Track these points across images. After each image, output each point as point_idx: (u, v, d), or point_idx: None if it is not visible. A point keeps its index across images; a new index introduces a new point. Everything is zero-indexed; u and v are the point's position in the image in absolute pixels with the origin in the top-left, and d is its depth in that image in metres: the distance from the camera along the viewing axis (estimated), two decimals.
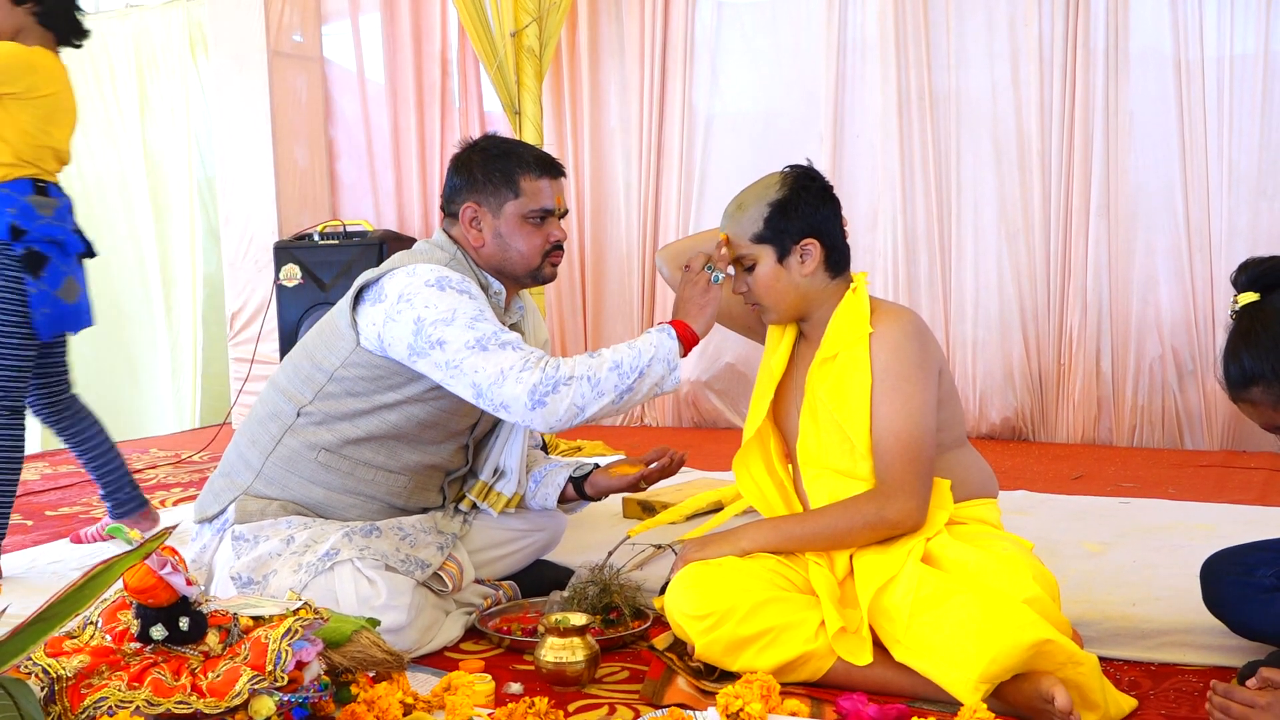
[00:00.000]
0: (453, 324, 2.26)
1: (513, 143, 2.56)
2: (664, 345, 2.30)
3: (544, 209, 2.47)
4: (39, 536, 3.59)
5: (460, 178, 2.50)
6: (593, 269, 5.72)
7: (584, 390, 2.24)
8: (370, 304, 2.38)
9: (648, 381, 2.29)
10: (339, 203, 6.32)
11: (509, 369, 2.23)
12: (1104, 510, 3.37)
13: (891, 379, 2.15)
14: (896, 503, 2.12)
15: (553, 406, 2.22)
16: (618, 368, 2.27)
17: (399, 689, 1.94)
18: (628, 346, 2.30)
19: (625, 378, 2.26)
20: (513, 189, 2.45)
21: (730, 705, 1.87)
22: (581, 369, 2.25)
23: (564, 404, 2.22)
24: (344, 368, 2.41)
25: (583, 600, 2.46)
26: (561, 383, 2.22)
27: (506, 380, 2.22)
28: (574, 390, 2.23)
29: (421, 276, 2.33)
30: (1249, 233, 4.50)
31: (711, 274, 2.32)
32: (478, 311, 2.30)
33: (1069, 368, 4.81)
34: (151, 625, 1.73)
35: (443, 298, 2.30)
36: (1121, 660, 2.26)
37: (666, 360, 2.30)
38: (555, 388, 2.22)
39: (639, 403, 2.33)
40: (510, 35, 4.76)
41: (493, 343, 2.26)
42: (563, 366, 2.25)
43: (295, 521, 2.42)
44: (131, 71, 6.74)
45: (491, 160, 2.48)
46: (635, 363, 2.27)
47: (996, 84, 4.85)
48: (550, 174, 2.49)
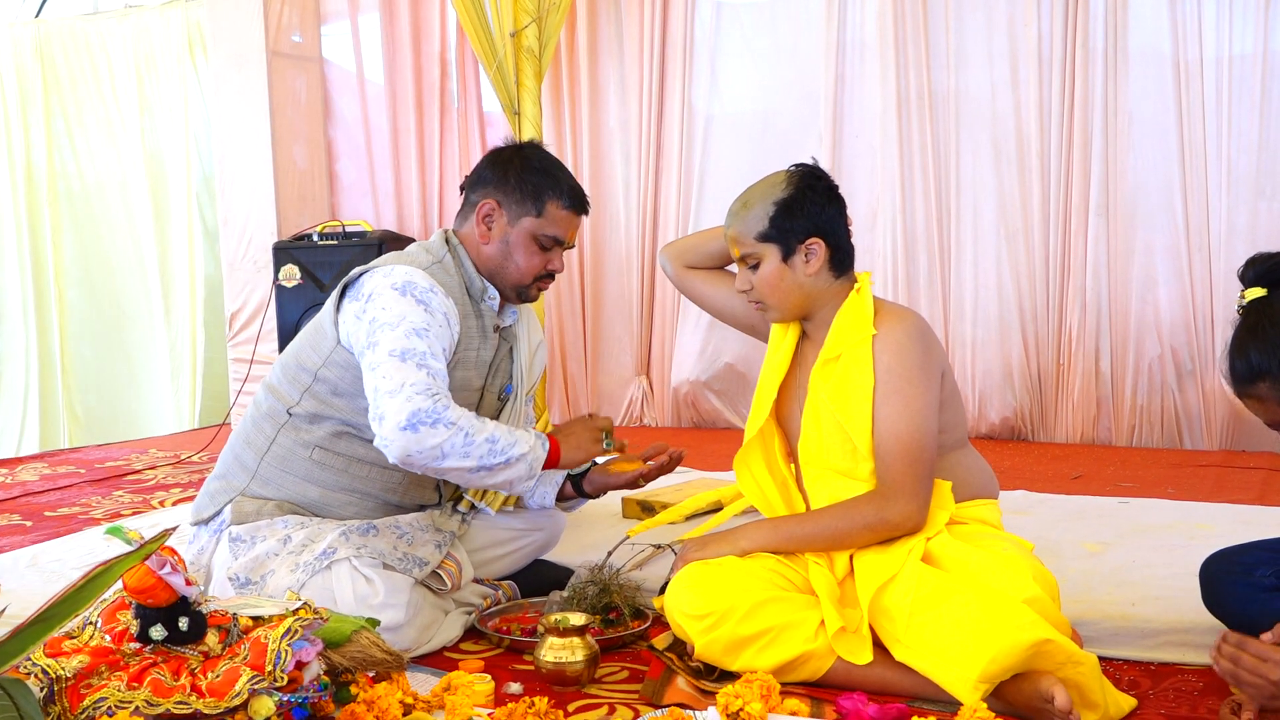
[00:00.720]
0: (395, 329, 2.27)
1: (555, 162, 2.55)
2: (536, 452, 2.35)
3: (556, 238, 2.48)
4: (38, 536, 3.59)
5: (494, 172, 2.50)
6: (592, 269, 5.71)
7: (456, 441, 2.23)
8: (350, 300, 2.39)
9: (507, 472, 2.31)
10: (338, 203, 6.31)
11: (408, 385, 2.22)
12: (1103, 510, 3.37)
13: (894, 381, 2.15)
14: (897, 504, 2.12)
15: (422, 437, 2.20)
16: (493, 443, 2.27)
17: (399, 689, 1.94)
18: (508, 431, 2.32)
19: (493, 455, 2.28)
20: (538, 207, 2.46)
21: (730, 705, 1.87)
22: (465, 423, 2.25)
23: (432, 441, 2.21)
24: (326, 367, 2.42)
25: (582, 600, 2.46)
26: (443, 422, 2.21)
27: (399, 394, 2.21)
28: (449, 435, 2.22)
29: (391, 279, 2.34)
30: (1248, 232, 4.50)
31: (605, 441, 2.49)
32: (424, 325, 2.29)
33: (1068, 368, 4.81)
34: (151, 625, 1.73)
35: (399, 303, 2.30)
36: (1121, 660, 2.26)
37: (531, 465, 2.34)
38: (435, 423, 2.21)
39: (482, 486, 2.38)
40: (510, 35, 4.75)
41: (414, 359, 2.25)
42: (452, 410, 2.24)
43: (292, 521, 2.42)
44: (130, 72, 6.74)
45: (530, 172, 2.48)
46: (508, 450, 2.29)
47: (995, 84, 4.85)
48: (577, 209, 2.51)
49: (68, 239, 7.03)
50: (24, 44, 6.93)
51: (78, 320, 7.02)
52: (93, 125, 6.90)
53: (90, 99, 6.86)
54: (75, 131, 6.95)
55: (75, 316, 7.02)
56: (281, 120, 6.05)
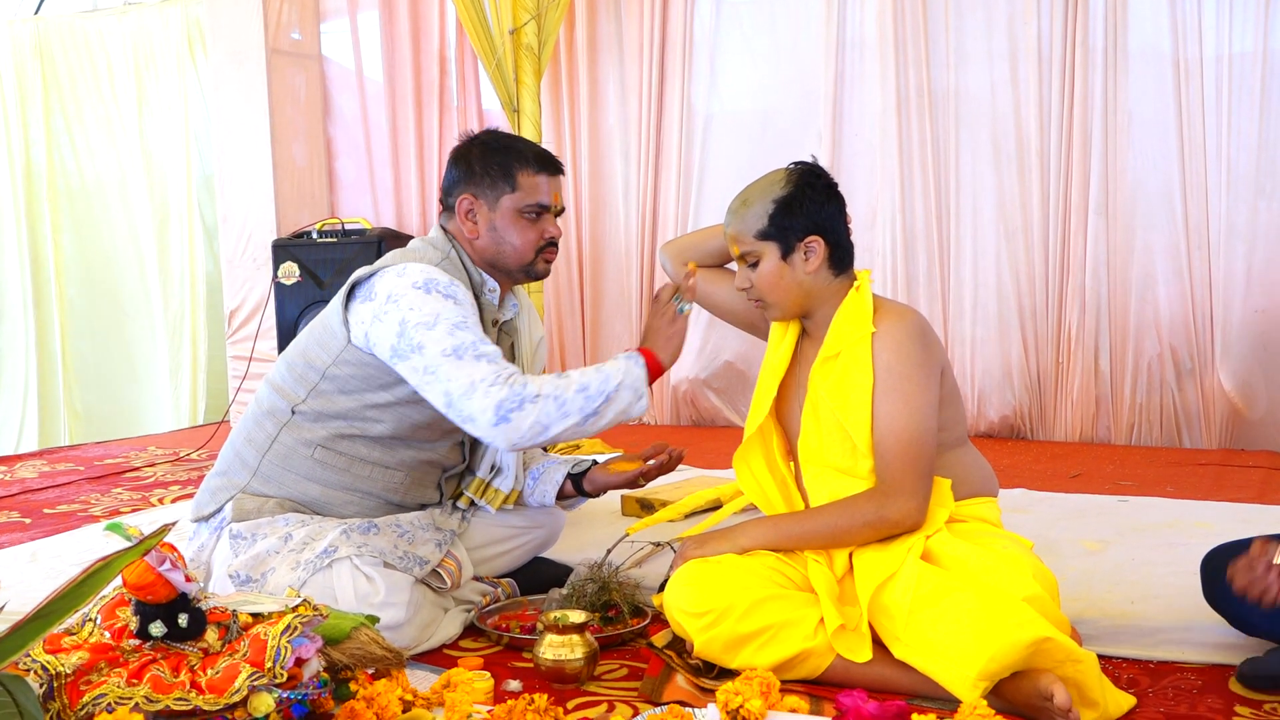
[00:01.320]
0: (434, 329, 2.26)
1: (512, 138, 2.55)
2: (632, 373, 2.31)
3: (540, 204, 2.46)
4: (37, 534, 3.59)
5: (458, 170, 2.50)
6: (591, 267, 5.71)
7: (549, 409, 2.23)
8: (361, 302, 2.37)
9: (614, 407, 2.29)
10: (337, 201, 6.31)
11: (479, 381, 2.22)
12: (1102, 508, 3.37)
13: (893, 378, 2.15)
14: (896, 502, 2.12)
15: (516, 423, 2.21)
16: (584, 390, 2.26)
17: (398, 686, 1.94)
18: (595, 370, 2.30)
19: (591, 401, 2.26)
20: (510, 183, 2.45)
21: (730, 702, 1.87)
22: (549, 389, 2.24)
23: (528, 422, 2.21)
24: (335, 365, 2.41)
25: (581, 598, 2.46)
26: (528, 400, 2.22)
27: (475, 393, 2.21)
28: (539, 409, 2.22)
29: (410, 278, 2.32)
30: (1247, 231, 4.50)
31: (678, 305, 2.36)
32: (461, 319, 2.29)
33: (1067, 366, 4.81)
34: (150, 622, 1.73)
35: (428, 301, 2.29)
36: (1120, 658, 2.26)
37: (634, 388, 2.30)
38: (520, 405, 2.21)
39: (604, 428, 2.33)
40: (509, 33, 4.75)
41: (469, 353, 2.25)
42: (530, 385, 2.24)
43: (293, 519, 2.41)
44: (130, 70, 6.74)
45: (490, 154, 2.47)
46: (602, 387, 2.27)
47: (995, 82, 4.85)
48: (548, 170, 2.49)
49: (67, 237, 7.03)
50: (23, 41, 6.92)
51: (77, 317, 7.01)
52: (92, 123, 6.89)
53: (89, 96, 6.86)
54: (75, 129, 6.95)
55: (75, 314, 7.01)
56: (281, 118, 6.05)
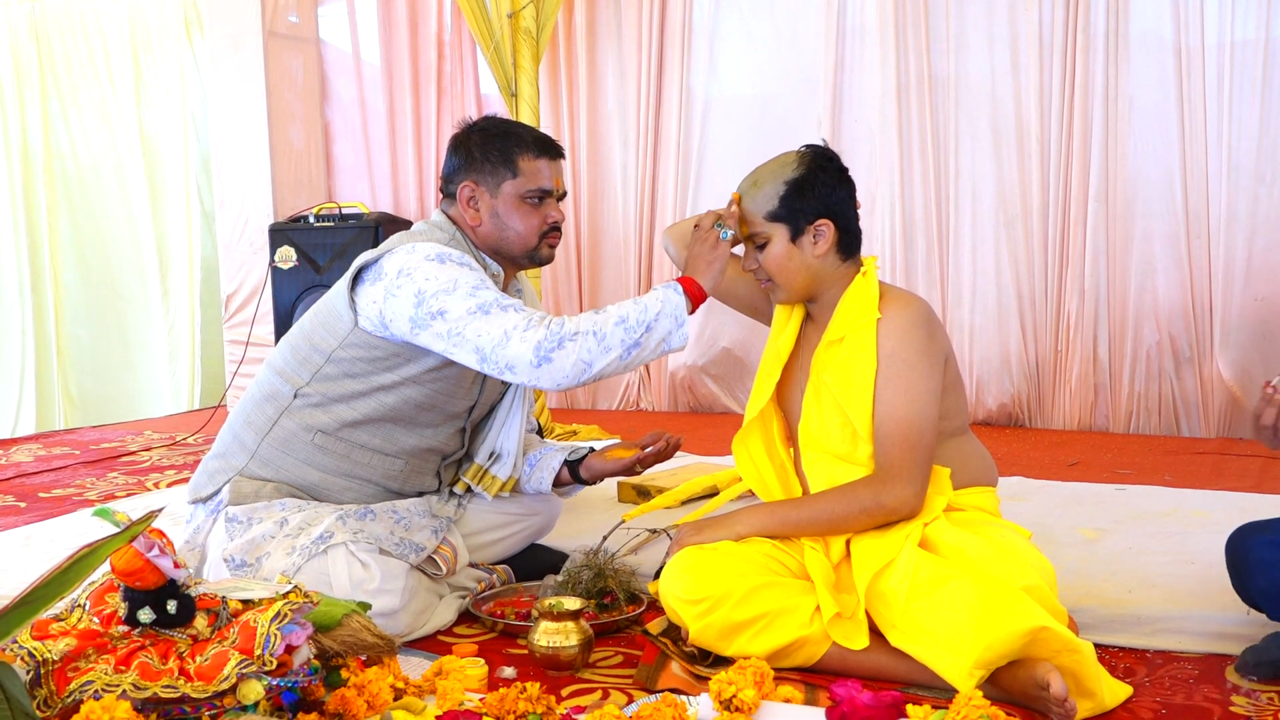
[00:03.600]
0: (454, 293, 2.24)
1: (511, 123, 2.54)
2: (671, 300, 2.25)
3: (542, 189, 2.45)
4: (32, 517, 3.58)
5: (458, 157, 2.49)
6: (589, 252, 5.69)
7: (590, 345, 2.20)
8: (370, 283, 2.36)
9: (655, 336, 2.24)
10: (334, 185, 6.29)
11: (512, 329, 2.20)
12: (1100, 497, 3.36)
13: (896, 365, 2.14)
14: (894, 489, 2.10)
15: (559, 363, 2.18)
16: (623, 322, 2.22)
17: (390, 673, 1.93)
18: (633, 302, 2.26)
19: (632, 332, 2.22)
20: (511, 169, 2.43)
21: (724, 691, 1.87)
22: (587, 324, 2.21)
23: (570, 360, 2.18)
24: (341, 349, 2.40)
25: (577, 585, 2.45)
26: (567, 339, 2.19)
27: (511, 340, 2.19)
28: (580, 346, 2.19)
29: (421, 252, 2.32)
30: (1247, 219, 4.48)
31: (720, 230, 2.27)
32: (479, 281, 2.28)
33: (1066, 354, 4.80)
34: (139, 608, 1.72)
35: (443, 270, 2.28)
36: (1117, 647, 2.25)
37: (674, 316, 2.25)
38: (560, 344, 2.18)
39: (647, 360, 2.28)
40: (507, 17, 4.73)
41: (495, 307, 2.23)
42: (568, 324, 2.21)
43: (289, 504, 2.40)
44: (126, 52, 6.70)
45: (490, 140, 2.46)
46: (642, 317, 2.23)
47: (996, 69, 4.82)
48: (549, 155, 2.48)
49: (64, 220, 7.00)
50: (19, 24, 6.89)
51: (73, 301, 7.00)
52: (88, 106, 6.87)
53: (86, 79, 6.83)
54: (71, 112, 6.92)
55: (71, 298, 7.00)
56: (278, 101, 6.02)
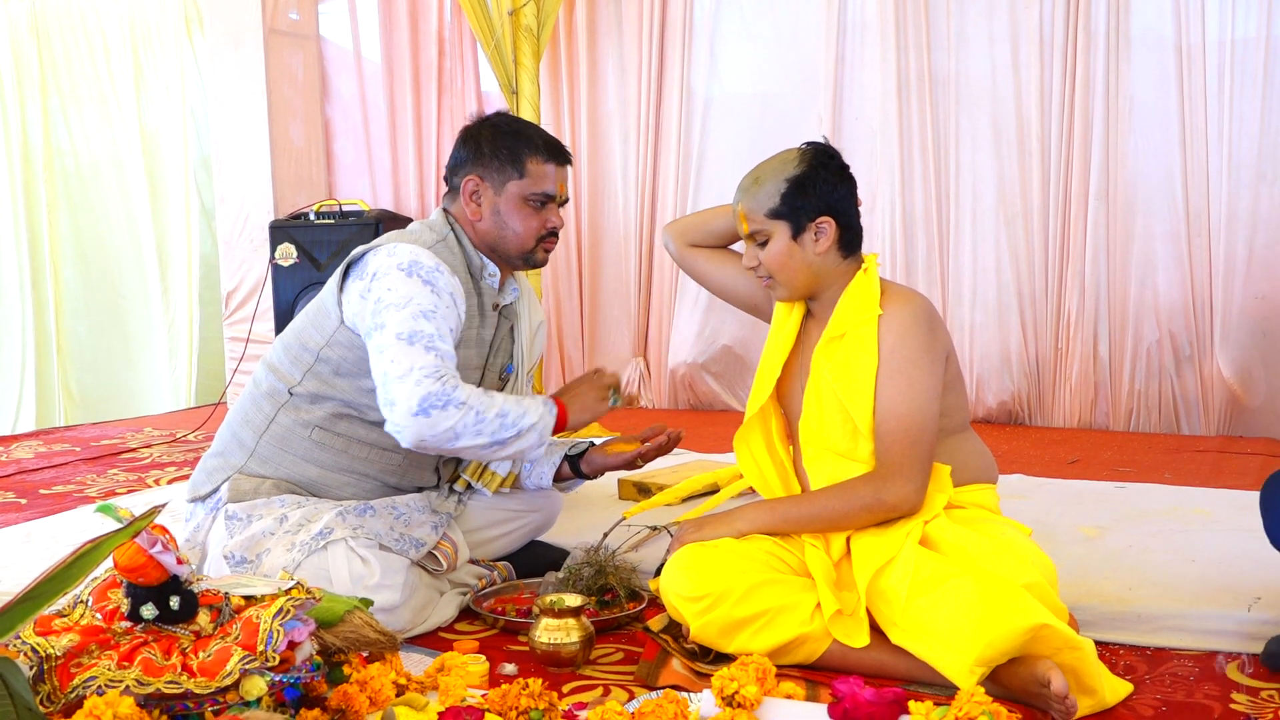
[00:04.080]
0: (401, 310, 2.25)
1: (524, 123, 2.54)
2: (545, 420, 2.34)
3: (546, 194, 2.46)
4: (33, 514, 3.58)
5: (467, 150, 2.48)
6: (589, 250, 5.69)
7: (467, 420, 2.22)
8: (354, 279, 2.37)
9: (519, 444, 2.31)
10: (335, 182, 6.29)
11: (417, 369, 2.21)
12: (1100, 494, 3.36)
13: (897, 361, 2.14)
14: (894, 486, 2.11)
15: (434, 420, 2.20)
16: (503, 416, 2.27)
17: (392, 669, 1.93)
18: (516, 402, 2.31)
19: (505, 430, 2.27)
20: (518, 169, 2.44)
21: (725, 687, 1.87)
22: (475, 401, 2.24)
23: (444, 424, 2.20)
24: (329, 347, 2.40)
25: (578, 581, 2.46)
26: (453, 404, 2.21)
27: (409, 379, 2.20)
28: (459, 416, 2.21)
29: (396, 258, 2.32)
30: (1248, 217, 4.49)
31: (611, 399, 2.48)
32: (431, 307, 2.28)
33: (1066, 352, 4.80)
34: (142, 604, 1.72)
35: (406, 284, 2.28)
36: (1117, 644, 2.25)
37: (541, 433, 2.34)
38: (445, 405, 2.20)
39: (498, 458, 2.36)
40: (508, 14, 4.73)
41: (422, 340, 2.24)
42: (461, 390, 2.23)
43: (289, 500, 2.40)
44: (126, 49, 6.70)
45: (501, 137, 2.46)
46: (518, 421, 2.29)
47: (996, 67, 4.82)
48: (557, 160, 2.48)
49: (64, 217, 7.00)
50: (20, 21, 6.88)
51: (73, 298, 6.99)
52: (89, 103, 6.86)
53: (86, 76, 6.83)
54: (71, 109, 6.91)
55: (71, 295, 6.99)
56: (278, 98, 6.02)
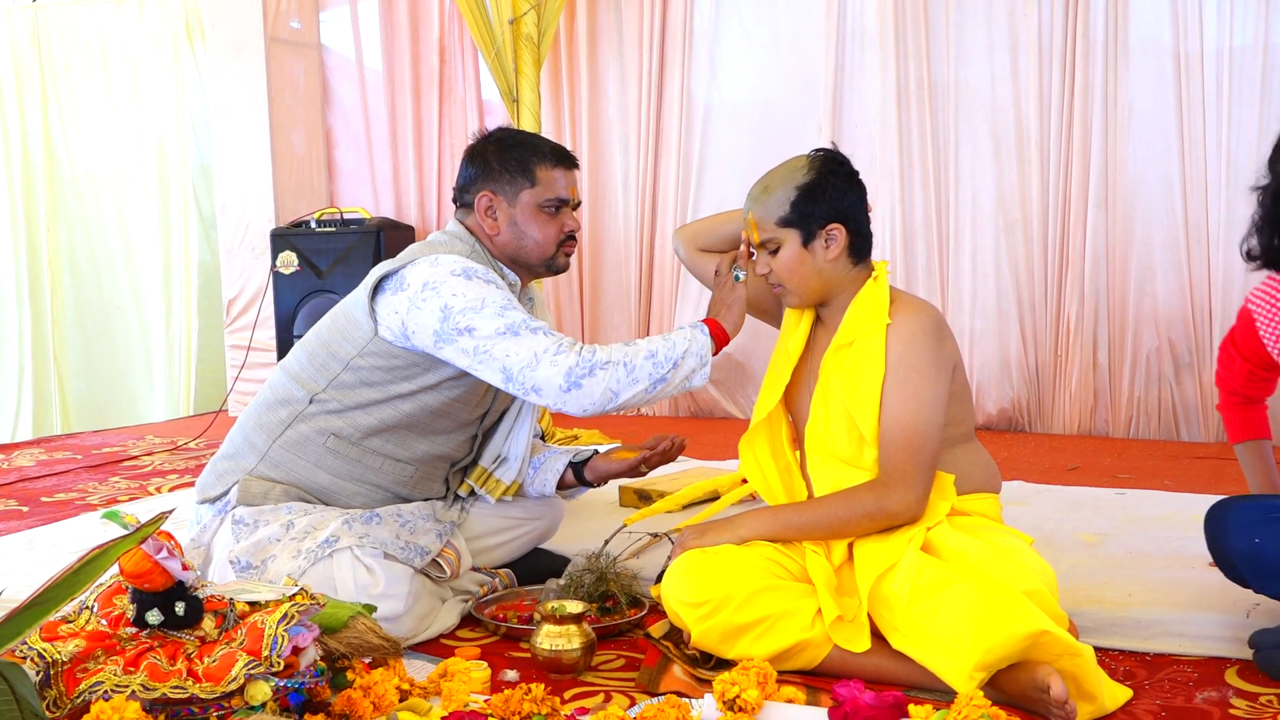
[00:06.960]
0: (481, 311, 2.28)
1: (527, 134, 2.58)
2: (697, 340, 2.34)
3: (559, 198, 2.48)
4: (34, 522, 3.59)
5: (475, 168, 2.51)
6: (590, 257, 5.71)
7: (619, 376, 2.26)
8: (391, 293, 2.38)
9: (680, 373, 2.31)
10: (336, 190, 6.30)
11: (542, 353, 2.25)
12: (1100, 501, 3.37)
13: (904, 370, 2.15)
14: (896, 494, 2.12)
15: (588, 389, 2.24)
16: (653, 356, 2.29)
17: (395, 675, 1.94)
18: (662, 338, 2.33)
19: (660, 367, 2.29)
20: (529, 178, 2.46)
21: (726, 693, 1.88)
22: (618, 355, 2.27)
23: (599, 388, 2.24)
24: (360, 357, 2.42)
25: (579, 588, 2.46)
26: (598, 367, 2.25)
27: (540, 364, 2.24)
28: (610, 375, 2.25)
29: (447, 266, 2.34)
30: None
31: (735, 274, 2.40)
32: (506, 300, 2.31)
33: (1066, 359, 4.81)
34: (147, 610, 1.73)
35: (470, 286, 2.31)
36: (1117, 650, 2.25)
37: (699, 355, 2.33)
38: (591, 371, 2.24)
39: (669, 395, 2.35)
40: (508, 23, 4.74)
41: (524, 328, 2.28)
42: (599, 352, 2.27)
43: (296, 507, 2.41)
44: (127, 59, 6.70)
45: (507, 150, 2.49)
46: (670, 353, 2.30)
47: (995, 75, 4.83)
48: (565, 164, 2.52)
49: (63, 225, 7.00)
50: (20, 30, 6.89)
51: (73, 306, 6.99)
52: (89, 112, 6.87)
53: (87, 85, 6.84)
54: (70, 118, 6.93)
55: (70, 303, 6.99)
56: (280, 107, 6.03)
